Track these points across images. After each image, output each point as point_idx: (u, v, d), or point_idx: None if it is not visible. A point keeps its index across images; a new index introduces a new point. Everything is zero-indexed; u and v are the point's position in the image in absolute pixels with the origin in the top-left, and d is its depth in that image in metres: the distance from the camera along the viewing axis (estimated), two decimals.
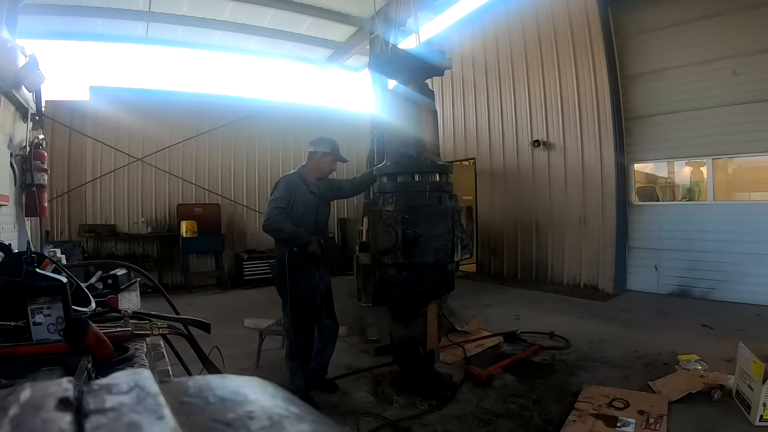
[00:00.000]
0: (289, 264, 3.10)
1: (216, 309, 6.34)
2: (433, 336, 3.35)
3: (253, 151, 9.53)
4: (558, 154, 7.57)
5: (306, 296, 3.22)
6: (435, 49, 3.42)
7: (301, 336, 3.20)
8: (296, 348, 3.18)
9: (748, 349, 2.89)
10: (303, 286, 3.19)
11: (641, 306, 5.98)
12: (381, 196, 3.25)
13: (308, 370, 3.26)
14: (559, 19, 7.42)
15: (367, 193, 5.01)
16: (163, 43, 9.11)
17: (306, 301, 3.22)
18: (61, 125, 7.71)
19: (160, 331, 1.29)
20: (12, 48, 2.85)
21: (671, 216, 6.73)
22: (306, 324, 3.25)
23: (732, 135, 5.87)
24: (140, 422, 0.27)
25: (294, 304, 3.16)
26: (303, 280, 3.19)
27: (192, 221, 8.28)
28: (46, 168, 3.31)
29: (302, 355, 3.19)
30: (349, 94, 18.51)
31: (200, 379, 0.37)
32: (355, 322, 5.28)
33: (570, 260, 7.42)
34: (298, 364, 3.17)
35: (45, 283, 1.12)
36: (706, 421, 2.81)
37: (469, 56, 8.95)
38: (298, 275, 3.15)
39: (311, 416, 0.35)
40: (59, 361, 0.95)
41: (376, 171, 3.40)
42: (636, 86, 6.85)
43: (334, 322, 3.54)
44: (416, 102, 3.29)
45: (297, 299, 3.16)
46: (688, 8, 6.19)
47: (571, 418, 2.90)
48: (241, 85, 20.99)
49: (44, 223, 7.24)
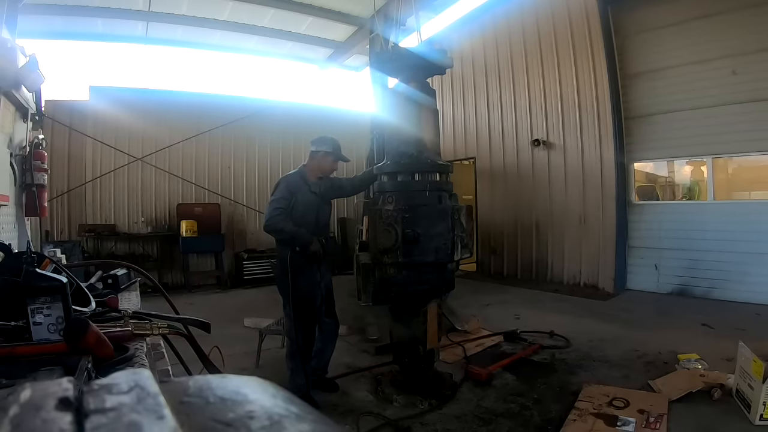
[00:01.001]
0: (291, 263, 3.10)
1: (216, 309, 6.35)
2: (433, 335, 3.35)
3: (253, 151, 9.53)
4: (558, 153, 7.57)
5: (307, 295, 3.22)
6: (436, 48, 3.42)
7: (302, 335, 3.20)
8: (297, 347, 3.18)
9: (748, 349, 2.89)
10: (304, 286, 3.19)
11: (641, 305, 5.98)
12: (381, 195, 3.26)
13: (309, 369, 3.27)
14: (559, 19, 7.42)
15: (367, 192, 5.01)
16: (163, 43, 9.10)
17: (307, 300, 3.22)
18: (61, 125, 7.70)
19: (160, 331, 1.29)
20: (12, 48, 2.84)
21: (671, 215, 6.73)
22: (307, 323, 3.25)
23: (732, 134, 5.86)
24: (140, 422, 0.27)
25: (295, 304, 3.16)
26: (304, 279, 3.19)
27: (192, 221, 8.28)
28: (46, 168, 3.31)
29: (303, 354, 3.19)
30: (349, 94, 18.49)
31: (200, 379, 0.37)
32: (355, 322, 5.28)
33: (570, 259, 7.42)
34: (299, 364, 3.17)
35: (45, 283, 1.12)
36: (706, 420, 2.81)
37: (469, 56, 8.95)
38: (300, 275, 3.16)
39: (311, 416, 0.35)
40: (59, 361, 0.95)
41: (376, 170, 3.39)
42: (636, 85, 6.85)
43: (335, 321, 3.54)
44: (417, 101, 3.28)
45: (298, 298, 3.16)
46: (687, 7, 6.19)
47: (571, 417, 2.90)
48: (241, 85, 20.96)
49: (44, 223, 7.24)
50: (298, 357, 3.18)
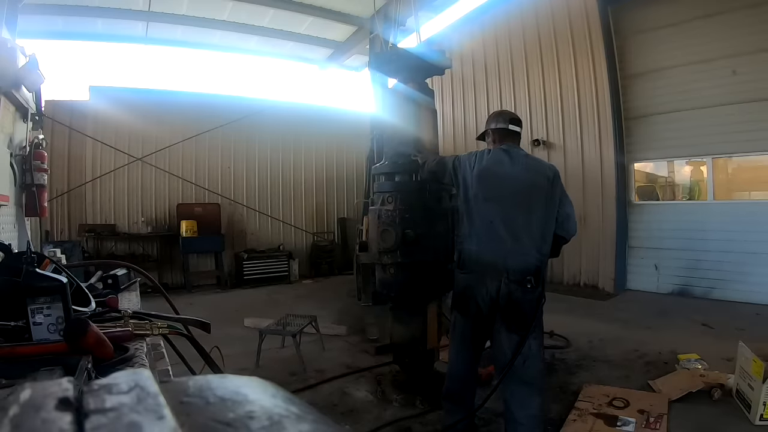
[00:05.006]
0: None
1: (216, 309, 6.34)
2: (433, 335, 3.34)
3: (253, 151, 9.53)
4: (558, 153, 7.56)
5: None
6: (435, 49, 3.42)
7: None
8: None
9: (748, 349, 2.89)
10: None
11: (641, 305, 5.98)
12: (380, 196, 3.25)
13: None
14: (559, 19, 7.42)
15: (367, 192, 5.00)
16: (163, 43, 9.11)
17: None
18: (61, 125, 7.71)
19: (160, 331, 1.29)
20: (12, 48, 2.84)
21: (671, 215, 6.73)
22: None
23: (732, 134, 5.86)
24: (140, 422, 0.27)
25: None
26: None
27: (192, 221, 8.28)
28: (46, 168, 3.30)
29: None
30: (349, 94, 18.53)
31: (200, 379, 0.37)
32: (355, 322, 5.29)
33: (570, 259, 7.41)
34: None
35: (45, 283, 1.12)
36: (706, 420, 2.81)
37: (468, 56, 8.95)
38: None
39: (311, 416, 0.35)
40: (59, 361, 0.95)
41: (374, 170, 3.39)
42: (636, 86, 6.85)
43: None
44: (416, 101, 3.28)
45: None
46: (687, 7, 6.19)
47: (571, 417, 2.90)
48: (241, 85, 20.99)
49: (44, 223, 7.24)
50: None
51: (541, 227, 2.40)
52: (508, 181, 2.43)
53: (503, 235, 2.36)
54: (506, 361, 2.34)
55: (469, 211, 2.48)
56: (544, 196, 2.43)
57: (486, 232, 2.41)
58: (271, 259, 8.85)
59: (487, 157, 2.50)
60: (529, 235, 2.37)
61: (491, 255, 2.37)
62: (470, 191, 2.47)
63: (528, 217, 2.39)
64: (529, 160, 2.60)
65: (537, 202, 2.41)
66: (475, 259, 2.43)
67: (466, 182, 2.50)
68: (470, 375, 2.63)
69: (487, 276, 2.37)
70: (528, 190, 2.42)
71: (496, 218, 2.39)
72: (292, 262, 9.04)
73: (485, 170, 2.46)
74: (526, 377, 2.35)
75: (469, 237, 2.47)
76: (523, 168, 2.48)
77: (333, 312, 5.96)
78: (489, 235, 2.40)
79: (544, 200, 2.43)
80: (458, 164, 2.57)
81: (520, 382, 2.35)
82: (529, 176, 2.45)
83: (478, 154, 2.54)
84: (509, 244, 2.35)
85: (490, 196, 2.43)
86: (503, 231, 2.36)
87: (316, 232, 10.19)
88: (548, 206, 2.43)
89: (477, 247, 2.43)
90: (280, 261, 8.88)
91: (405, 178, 3.20)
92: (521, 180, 2.44)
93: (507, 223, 2.37)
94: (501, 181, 2.44)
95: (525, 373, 2.34)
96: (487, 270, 2.37)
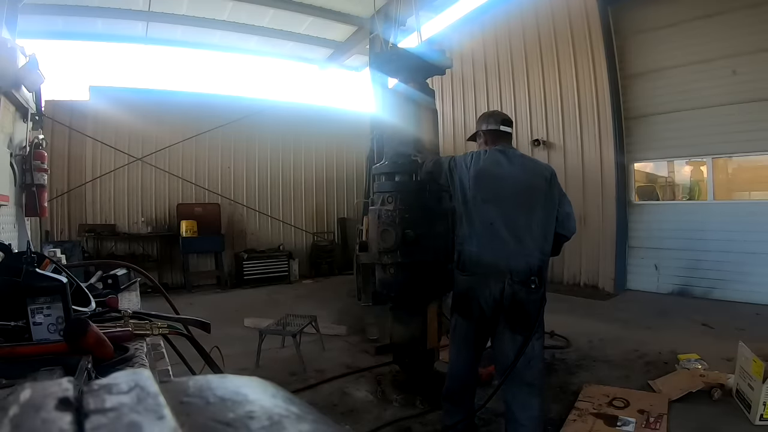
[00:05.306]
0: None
1: (216, 309, 6.34)
2: (433, 335, 3.34)
3: (253, 151, 9.53)
4: (558, 153, 7.56)
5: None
6: (435, 48, 3.42)
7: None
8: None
9: (748, 349, 2.89)
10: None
11: (641, 305, 5.98)
12: (380, 196, 3.25)
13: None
14: (559, 19, 7.42)
15: (366, 192, 5.00)
16: (163, 43, 9.10)
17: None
18: (61, 125, 7.71)
19: (160, 331, 1.29)
20: (12, 48, 2.84)
21: (671, 215, 6.74)
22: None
23: (732, 134, 5.86)
24: (140, 422, 0.27)
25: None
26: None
27: (192, 221, 8.28)
28: (46, 168, 3.30)
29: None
30: (349, 94, 18.53)
31: (200, 379, 0.37)
32: (355, 322, 5.29)
33: (570, 259, 7.41)
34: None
35: (45, 283, 1.12)
36: (706, 420, 2.81)
37: (469, 56, 8.95)
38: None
39: (311, 416, 0.35)
40: (59, 361, 0.95)
41: (374, 170, 3.39)
42: (636, 86, 6.85)
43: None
44: (416, 101, 3.28)
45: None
46: (687, 8, 6.19)
47: (571, 417, 2.90)
48: (241, 85, 20.99)
49: (44, 223, 7.24)
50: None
51: (542, 227, 2.39)
52: (506, 182, 2.42)
53: (505, 237, 2.34)
54: (508, 363, 2.33)
55: (468, 212, 2.45)
56: (544, 196, 2.42)
57: (487, 234, 2.39)
58: (271, 259, 8.85)
59: (483, 158, 2.48)
60: (530, 235, 2.36)
61: (493, 256, 2.36)
62: (468, 192, 2.45)
63: (529, 217, 2.38)
64: (526, 160, 2.59)
65: (537, 203, 2.40)
66: (476, 261, 2.41)
67: (462, 183, 2.48)
68: (471, 375, 2.62)
69: (490, 278, 2.35)
70: (527, 191, 2.41)
71: (496, 220, 2.37)
72: (292, 262, 9.04)
73: (483, 171, 2.44)
74: (528, 378, 2.34)
75: (469, 239, 2.44)
76: (521, 169, 2.47)
77: (333, 312, 5.96)
78: (490, 236, 2.38)
79: (544, 200, 2.42)
80: (454, 165, 2.55)
81: (523, 384, 2.34)
82: (527, 177, 2.45)
83: (474, 155, 2.52)
84: (511, 245, 2.33)
85: (489, 197, 2.41)
86: (504, 232, 2.35)
87: (316, 232, 10.19)
88: (548, 206, 2.43)
89: (478, 248, 2.41)
90: (280, 261, 8.89)
91: (405, 178, 3.20)
92: (520, 181, 2.42)
93: (508, 225, 2.36)
94: (499, 182, 2.43)
95: (528, 374, 2.34)
96: (489, 271, 2.36)
